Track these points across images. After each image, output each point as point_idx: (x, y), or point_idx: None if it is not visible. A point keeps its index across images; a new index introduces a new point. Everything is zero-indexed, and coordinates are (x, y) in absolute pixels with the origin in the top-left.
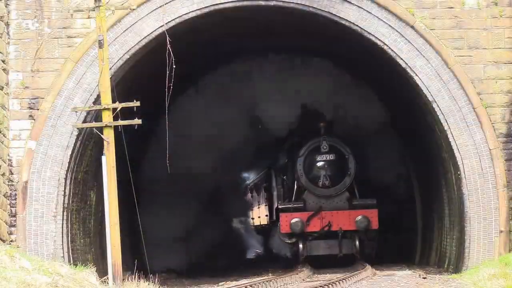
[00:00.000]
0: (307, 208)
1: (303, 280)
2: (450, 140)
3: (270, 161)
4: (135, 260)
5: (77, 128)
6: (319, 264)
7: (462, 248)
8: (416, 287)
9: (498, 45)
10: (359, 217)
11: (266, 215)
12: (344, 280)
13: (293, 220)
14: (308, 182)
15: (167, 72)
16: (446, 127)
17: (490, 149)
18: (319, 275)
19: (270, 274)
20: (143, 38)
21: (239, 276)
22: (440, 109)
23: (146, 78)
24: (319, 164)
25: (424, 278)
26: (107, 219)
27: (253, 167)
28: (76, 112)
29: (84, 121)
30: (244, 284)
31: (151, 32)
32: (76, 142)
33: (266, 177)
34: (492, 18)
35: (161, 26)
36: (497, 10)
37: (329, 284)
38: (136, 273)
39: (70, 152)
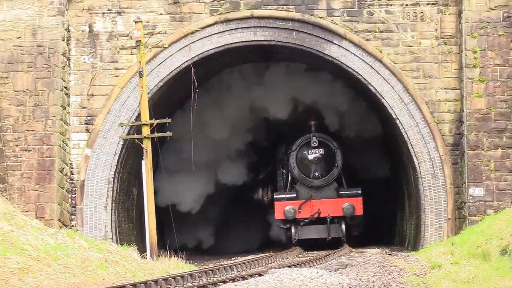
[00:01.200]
0: (299, 197)
1: (296, 256)
2: (409, 148)
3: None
4: (167, 240)
5: (123, 139)
6: (309, 246)
7: (418, 231)
8: (383, 260)
9: (446, 75)
10: (346, 204)
11: None
12: (328, 256)
13: (286, 208)
14: (300, 174)
15: (192, 95)
16: (406, 138)
17: (440, 156)
18: (308, 253)
19: (271, 252)
20: (173, 70)
21: (248, 253)
22: (402, 124)
23: (174, 99)
24: (310, 157)
25: (390, 254)
26: (146, 209)
27: (263, 164)
28: (122, 126)
29: (128, 134)
30: (251, 258)
31: (179, 65)
32: (122, 149)
33: (272, 171)
34: (442, 54)
35: (187, 61)
36: (446, 48)
37: (316, 258)
38: (168, 251)
39: (117, 158)
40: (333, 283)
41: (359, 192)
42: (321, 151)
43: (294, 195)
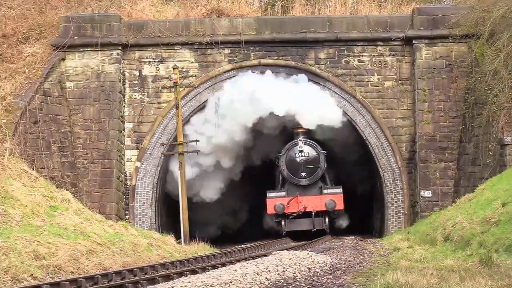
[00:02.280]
0: (288, 195)
1: (287, 243)
2: (376, 161)
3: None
4: (196, 231)
5: (163, 155)
6: (297, 236)
7: (383, 224)
8: (356, 245)
9: (403, 108)
10: (328, 200)
11: None
12: (315, 242)
13: (276, 204)
14: (289, 174)
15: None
16: (374, 154)
17: (399, 167)
18: (297, 242)
19: (270, 240)
20: (201, 103)
21: (253, 241)
22: (371, 144)
23: None
24: (297, 160)
25: (362, 240)
26: (181, 206)
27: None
28: (163, 145)
29: (167, 151)
30: (258, 243)
31: (205, 100)
32: (163, 162)
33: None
34: (400, 92)
35: (210, 97)
36: (403, 88)
37: (307, 243)
38: (197, 238)
39: (159, 168)
40: (319, 261)
41: (340, 190)
42: (307, 154)
43: (284, 193)
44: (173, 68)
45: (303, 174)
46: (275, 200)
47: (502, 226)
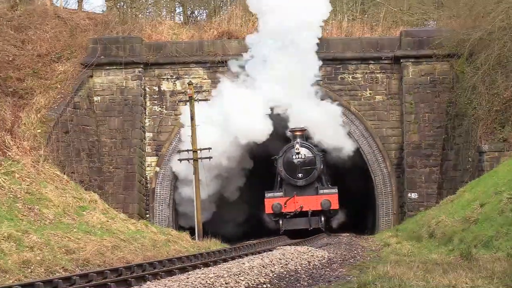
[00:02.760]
0: (286, 195)
1: (285, 240)
2: (369, 167)
3: None
4: (208, 229)
5: (180, 160)
6: (294, 235)
7: (375, 222)
8: (351, 241)
9: (392, 119)
10: (323, 200)
11: None
12: (314, 239)
13: (274, 203)
14: (286, 175)
15: None
16: (366, 160)
17: (388, 172)
18: (295, 239)
19: (268, 238)
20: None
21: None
22: (364, 152)
23: None
24: (294, 161)
25: (356, 237)
26: (195, 206)
27: None
28: (179, 152)
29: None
30: (260, 240)
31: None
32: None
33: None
34: (389, 105)
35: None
36: (392, 101)
37: (306, 240)
38: (209, 235)
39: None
40: (318, 256)
41: (335, 190)
42: (303, 156)
43: (281, 193)
44: (188, 84)
45: (300, 175)
46: (272, 200)
47: (480, 224)
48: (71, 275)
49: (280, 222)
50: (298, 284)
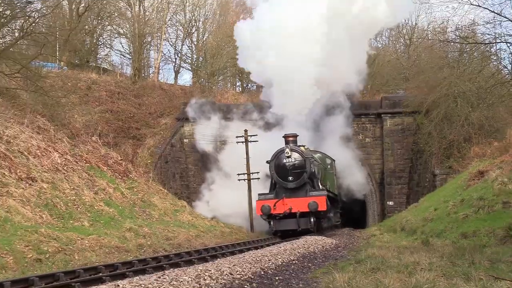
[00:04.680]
0: (277, 197)
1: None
2: None
3: None
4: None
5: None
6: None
7: (365, 220)
8: (350, 232)
9: (376, 153)
10: (310, 202)
11: None
12: (325, 230)
13: (263, 205)
14: (278, 178)
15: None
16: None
17: (374, 187)
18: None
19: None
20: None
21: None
22: None
23: None
24: (285, 165)
25: (353, 230)
26: (249, 208)
27: None
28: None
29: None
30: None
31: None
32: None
33: None
34: (374, 144)
35: None
36: (376, 142)
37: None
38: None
39: None
40: (329, 242)
41: (324, 192)
42: (293, 159)
43: (272, 195)
44: (244, 131)
45: (290, 178)
46: (262, 202)
47: (434, 222)
48: (169, 254)
49: (271, 223)
50: (315, 261)
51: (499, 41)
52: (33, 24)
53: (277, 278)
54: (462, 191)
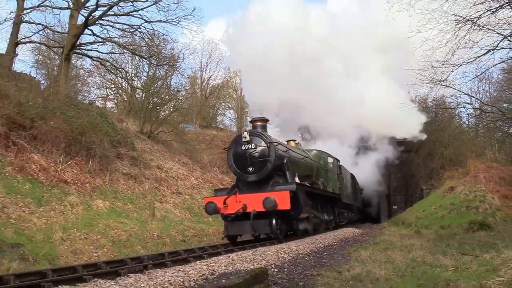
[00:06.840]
0: (230, 193)
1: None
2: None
3: None
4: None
5: None
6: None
7: (379, 218)
8: (369, 226)
9: (385, 177)
10: (265, 198)
11: None
12: (346, 226)
13: (208, 203)
14: (236, 170)
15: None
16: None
17: (384, 197)
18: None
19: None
20: None
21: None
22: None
23: None
24: (243, 153)
25: (372, 224)
26: None
27: None
28: None
29: None
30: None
31: None
32: None
33: None
34: (384, 172)
35: None
36: (384, 171)
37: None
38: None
39: None
40: (357, 231)
41: (292, 186)
42: (253, 146)
43: (226, 191)
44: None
45: (250, 169)
46: (209, 199)
47: (423, 219)
48: (205, 246)
49: (225, 225)
50: (349, 243)
51: (460, 106)
52: (180, 103)
53: (325, 253)
54: (440, 199)
